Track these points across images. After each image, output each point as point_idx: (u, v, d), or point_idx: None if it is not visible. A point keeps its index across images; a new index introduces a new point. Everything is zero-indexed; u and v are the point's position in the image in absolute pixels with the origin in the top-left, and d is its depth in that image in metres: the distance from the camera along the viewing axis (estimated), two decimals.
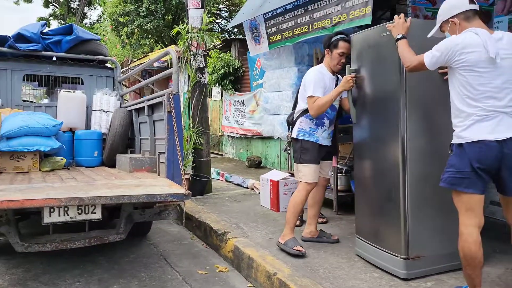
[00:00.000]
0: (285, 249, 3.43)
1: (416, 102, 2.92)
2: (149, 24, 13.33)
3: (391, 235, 3.05)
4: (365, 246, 3.31)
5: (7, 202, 2.53)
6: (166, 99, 3.58)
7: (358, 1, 3.97)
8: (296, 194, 3.59)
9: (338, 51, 3.49)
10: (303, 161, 3.55)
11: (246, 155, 9.20)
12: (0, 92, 5.01)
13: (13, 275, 3.42)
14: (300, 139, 3.57)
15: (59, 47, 5.28)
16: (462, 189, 2.44)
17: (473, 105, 2.39)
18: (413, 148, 2.90)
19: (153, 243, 4.37)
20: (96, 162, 4.95)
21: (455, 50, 2.40)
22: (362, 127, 3.37)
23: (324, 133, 3.59)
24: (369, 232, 3.30)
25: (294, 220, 3.55)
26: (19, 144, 4.14)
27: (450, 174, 2.48)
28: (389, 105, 3.02)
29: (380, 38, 3.05)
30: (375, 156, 3.23)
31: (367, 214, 3.34)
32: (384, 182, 3.10)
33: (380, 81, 3.14)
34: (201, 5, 5.78)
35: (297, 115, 3.65)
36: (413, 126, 2.91)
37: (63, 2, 29.80)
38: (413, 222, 2.91)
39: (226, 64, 9.31)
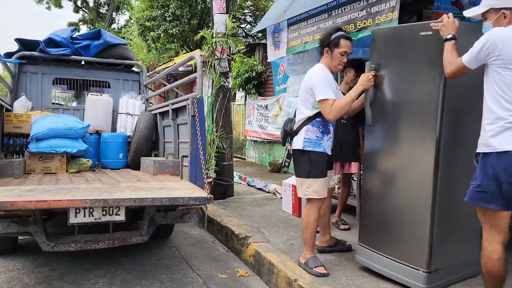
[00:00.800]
0: (305, 269, 3.19)
1: (451, 108, 2.72)
2: (175, 28, 13.53)
3: (412, 247, 2.88)
4: (371, 255, 3.17)
5: (35, 202, 2.59)
6: (190, 103, 3.62)
7: (384, 6, 3.91)
8: (307, 212, 3.25)
9: (340, 50, 3.14)
10: (312, 175, 3.17)
11: (268, 159, 9.19)
12: (31, 95, 5.17)
13: (39, 274, 3.51)
14: (307, 150, 3.17)
15: (88, 51, 5.41)
16: (483, 204, 2.30)
17: (507, 108, 2.19)
18: (445, 156, 2.74)
19: (175, 245, 4.41)
20: (121, 164, 5.03)
21: (498, 42, 2.18)
22: (379, 130, 3.13)
23: (328, 142, 3.25)
24: (379, 241, 3.13)
25: (312, 239, 3.26)
26: (47, 145, 4.25)
27: (473, 187, 2.35)
28: (422, 110, 2.80)
29: (417, 37, 2.81)
30: (396, 162, 3.02)
31: (379, 223, 3.14)
32: (408, 192, 2.92)
33: (410, 83, 2.89)
34: (226, 10, 5.83)
35: (300, 123, 3.22)
36: (447, 134, 2.73)
37: (92, 8, 30.61)
38: (438, 235, 2.77)
39: (250, 68, 9.34)
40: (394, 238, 3.02)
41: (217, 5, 5.79)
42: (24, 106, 4.86)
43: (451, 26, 2.51)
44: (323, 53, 3.24)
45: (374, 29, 3.21)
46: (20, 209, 2.66)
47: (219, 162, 5.94)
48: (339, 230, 4.30)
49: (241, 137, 10.86)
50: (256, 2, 15.61)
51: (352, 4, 4.28)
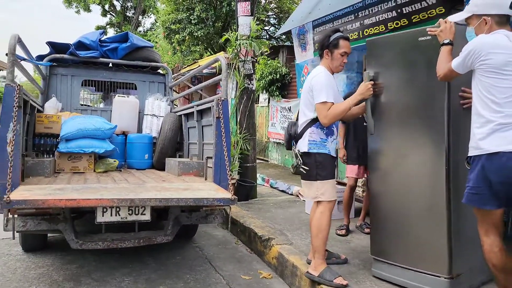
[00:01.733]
0: (323, 283, 3.00)
1: (458, 111, 2.73)
2: (199, 31, 13.68)
3: (430, 254, 2.81)
4: (387, 266, 3.08)
5: (65, 200, 2.66)
6: (214, 105, 3.65)
7: (421, 5, 3.85)
8: (318, 216, 3.11)
9: (340, 51, 3.13)
10: (320, 177, 3.10)
11: (291, 162, 9.17)
12: (61, 97, 5.31)
13: (67, 270, 3.60)
14: (313, 153, 3.12)
15: (115, 54, 5.52)
16: (478, 205, 2.36)
17: (496, 110, 2.24)
18: (455, 160, 2.72)
19: (198, 246, 4.45)
20: (146, 165, 5.11)
21: (482, 49, 2.26)
22: (386, 138, 3.09)
23: (333, 144, 3.20)
24: (395, 252, 3.04)
25: (324, 245, 3.12)
26: (76, 145, 4.35)
27: (468, 189, 2.39)
28: (428, 115, 2.80)
29: (416, 43, 2.82)
30: (406, 169, 2.96)
31: (392, 233, 3.06)
32: (421, 199, 2.87)
33: (414, 89, 2.89)
34: (250, 13, 5.86)
35: (304, 126, 3.18)
36: (453, 137, 2.72)
37: (119, 11, 31.25)
38: (456, 238, 2.73)
39: (274, 70, 9.35)
40: (410, 246, 2.94)
41: (242, 8, 5.83)
42: (54, 108, 5.00)
43: (449, 31, 2.55)
44: (322, 55, 3.23)
45: (368, 39, 3.21)
46: (50, 207, 2.74)
47: (243, 164, 5.96)
48: (364, 234, 4.26)
49: (264, 139, 10.87)
50: (280, 4, 15.62)
51: (379, 5, 4.24)
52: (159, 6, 22.27)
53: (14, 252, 4.00)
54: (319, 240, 3.09)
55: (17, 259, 3.82)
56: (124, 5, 31.32)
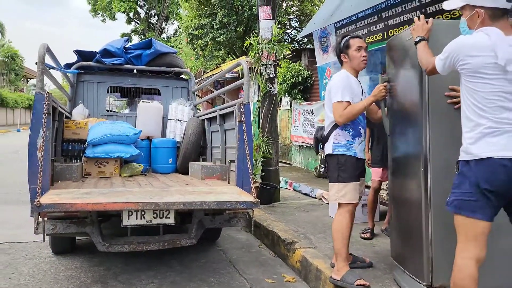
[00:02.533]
0: (345, 286, 2.98)
1: (441, 113, 2.63)
2: (222, 36, 13.80)
3: (415, 258, 2.77)
4: (396, 268, 3.07)
5: (92, 204, 2.73)
6: (237, 109, 3.67)
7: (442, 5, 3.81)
8: (338, 218, 3.15)
9: (353, 48, 3.18)
10: (341, 179, 3.13)
11: (314, 165, 9.12)
12: (87, 103, 5.46)
13: (95, 273, 3.68)
14: (336, 154, 3.16)
15: (140, 60, 5.64)
16: (467, 214, 2.13)
17: (482, 115, 2.10)
18: (437, 165, 2.62)
19: (222, 249, 4.47)
20: (170, 169, 5.18)
21: (460, 52, 2.14)
22: (393, 140, 3.12)
23: (360, 146, 3.21)
24: (399, 253, 3.05)
25: (345, 248, 3.10)
26: (102, 150, 4.46)
27: (456, 195, 2.18)
28: (412, 117, 2.79)
29: (405, 43, 2.84)
30: (402, 171, 2.99)
31: (397, 234, 3.08)
32: (409, 201, 2.86)
33: (405, 90, 2.92)
34: (272, 16, 5.88)
35: (329, 128, 3.23)
36: (437, 141, 2.63)
37: (144, 19, 31.86)
38: (437, 247, 2.63)
39: (296, 73, 9.34)
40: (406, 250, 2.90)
41: (263, 12, 5.86)
42: (81, 114, 5.14)
43: (421, 28, 2.56)
44: (341, 63, 3.32)
45: (389, 40, 3.23)
46: (78, 210, 2.81)
47: (265, 167, 5.97)
48: (389, 237, 4.19)
49: (286, 142, 10.85)
50: (302, 7, 15.61)
51: (403, 5, 4.19)
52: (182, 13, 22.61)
53: (44, 254, 4.11)
54: (340, 243, 3.10)
55: (47, 261, 3.93)
56: (148, 12, 31.95)
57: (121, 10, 29.42)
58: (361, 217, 4.64)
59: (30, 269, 3.74)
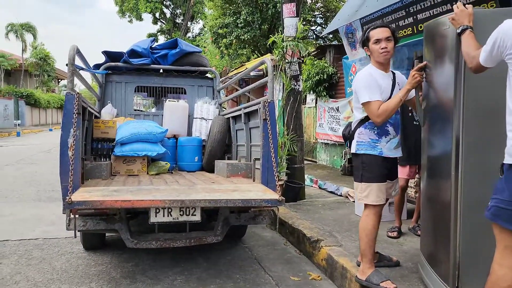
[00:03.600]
0: (370, 286, 2.95)
1: (476, 109, 2.45)
2: (246, 34, 13.84)
3: (442, 260, 2.67)
4: (424, 267, 2.99)
5: (121, 201, 2.80)
6: (261, 107, 3.68)
7: None
8: (364, 219, 3.08)
9: (372, 41, 3.04)
10: (365, 179, 3.05)
11: (340, 162, 9.04)
12: (115, 103, 5.58)
13: (124, 268, 3.78)
14: (360, 153, 3.09)
15: (166, 60, 5.72)
16: (502, 223, 1.91)
17: None
18: (470, 167, 2.47)
19: (247, 246, 4.50)
20: (196, 167, 5.24)
21: (508, 37, 1.87)
22: (427, 136, 2.97)
23: (389, 144, 3.06)
24: (426, 250, 2.97)
25: (371, 249, 3.05)
26: (130, 149, 4.55)
27: (495, 202, 1.94)
28: (445, 114, 2.61)
29: (442, 32, 2.62)
30: (434, 169, 2.86)
31: (426, 232, 2.99)
32: (439, 201, 2.74)
33: (439, 83, 2.73)
34: (296, 13, 5.85)
35: (354, 126, 3.18)
36: (471, 142, 2.46)
37: (169, 19, 32.27)
38: (465, 251, 2.52)
39: (321, 71, 9.27)
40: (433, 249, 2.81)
41: (287, 9, 5.84)
42: (110, 113, 5.26)
43: (462, 16, 2.25)
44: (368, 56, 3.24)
45: (425, 23, 3.02)
46: (107, 207, 2.89)
47: (290, 165, 5.96)
48: (417, 236, 4.12)
49: (312, 140, 10.79)
50: (326, 3, 15.47)
51: None
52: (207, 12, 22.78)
53: (75, 250, 4.25)
54: (365, 243, 3.04)
55: (78, 257, 4.05)
56: (174, 12, 32.34)
57: (148, 11, 29.89)
58: (388, 215, 4.57)
59: (63, 264, 3.87)
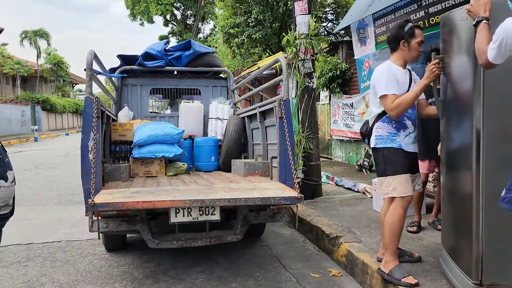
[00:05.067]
0: (392, 281, 2.93)
1: (496, 100, 2.41)
2: (257, 33, 13.85)
3: (465, 254, 2.66)
4: (446, 261, 2.98)
5: (142, 202, 2.84)
6: (277, 106, 3.70)
7: None
8: (390, 212, 3.05)
9: (417, 40, 3.03)
10: (390, 173, 3.03)
11: (356, 158, 9.00)
12: (131, 105, 5.65)
13: (146, 268, 3.83)
14: (380, 147, 3.09)
15: (179, 62, 5.77)
16: None
17: None
18: (491, 159, 2.44)
19: (266, 244, 4.52)
20: (213, 167, 5.28)
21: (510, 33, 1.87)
22: (446, 129, 2.95)
23: (407, 138, 3.07)
24: (448, 244, 2.95)
25: (395, 243, 3.04)
26: (148, 151, 4.60)
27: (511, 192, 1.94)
28: (464, 106, 2.60)
29: (460, 24, 2.59)
30: (454, 163, 2.86)
31: (448, 226, 2.98)
32: (460, 194, 2.73)
33: (458, 76, 2.72)
34: (308, 11, 5.85)
35: (372, 122, 3.20)
36: (492, 134, 2.43)
37: (180, 20, 32.44)
38: (488, 245, 2.50)
39: (334, 67, 9.22)
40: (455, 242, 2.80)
41: (299, 7, 5.84)
42: (126, 116, 5.33)
43: (478, 6, 2.19)
44: (395, 48, 3.12)
45: (442, 15, 2.97)
46: (129, 208, 2.94)
47: (306, 162, 5.96)
48: (437, 230, 4.09)
49: (326, 137, 10.76)
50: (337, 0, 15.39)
51: None
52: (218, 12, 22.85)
53: (98, 251, 4.32)
54: (390, 237, 3.03)
55: (101, 258, 4.12)
56: (184, 14, 32.51)
57: (158, 13, 30.15)
58: (408, 210, 4.54)
59: (86, 265, 3.94)
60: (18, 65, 35.13)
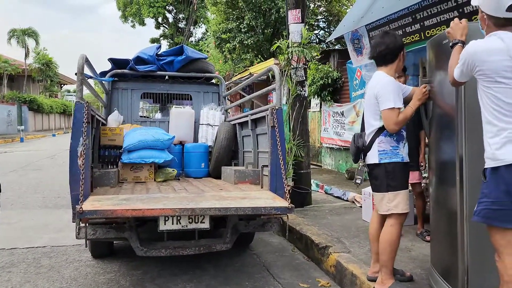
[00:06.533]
0: None
1: (479, 119, 2.44)
2: (249, 39, 13.88)
3: (451, 269, 2.69)
4: (433, 276, 3.00)
5: (131, 210, 2.81)
6: (269, 115, 3.69)
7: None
8: (388, 230, 2.97)
9: (404, 50, 3.11)
10: (392, 188, 2.95)
11: (345, 167, 9.04)
12: (122, 110, 5.60)
13: (133, 276, 3.78)
14: (383, 163, 2.98)
15: (171, 67, 5.73)
16: (500, 224, 2.03)
17: (506, 120, 2.03)
18: (474, 173, 2.47)
19: (255, 253, 4.50)
20: (203, 173, 5.24)
21: (475, 58, 2.08)
22: (433, 145, 3.06)
23: (405, 149, 3.04)
24: (437, 261, 2.98)
25: (393, 260, 2.98)
26: (137, 156, 4.56)
27: (485, 205, 2.07)
28: (448, 122, 2.71)
29: (440, 46, 2.76)
30: (441, 177, 2.92)
31: (436, 241, 3.02)
32: (446, 208, 2.79)
33: (441, 94, 2.83)
34: (301, 19, 5.87)
35: (371, 136, 3.04)
36: (475, 149, 2.47)
37: (172, 23, 32.35)
38: (474, 259, 2.53)
39: (325, 75, 9.28)
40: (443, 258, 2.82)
41: (293, 15, 5.86)
42: (116, 120, 5.28)
43: (457, 30, 2.41)
44: (392, 60, 3.03)
45: (429, 40, 3.10)
46: (118, 216, 2.89)
47: (297, 170, 5.96)
48: (425, 242, 4.11)
49: (316, 144, 10.79)
50: (329, 7, 15.50)
51: (438, 5, 4.10)
52: (210, 16, 22.86)
53: (84, 258, 4.25)
54: (388, 255, 2.95)
55: (87, 265, 4.06)
56: (176, 17, 32.43)
57: (150, 16, 30.02)
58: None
59: (72, 272, 3.87)
60: (6, 64, 34.66)
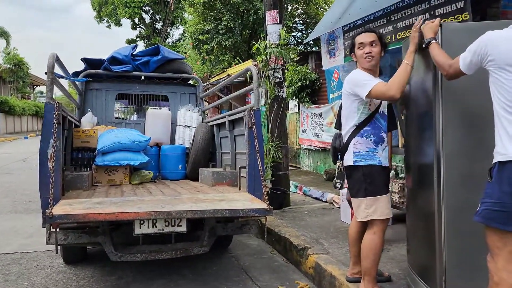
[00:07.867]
0: None
1: (455, 117, 2.49)
2: (227, 40, 13.81)
3: (429, 270, 2.69)
4: (411, 276, 3.01)
5: (104, 214, 2.72)
6: (247, 115, 3.65)
7: (450, 8, 3.75)
8: (371, 237, 2.83)
9: (356, 46, 2.88)
10: (370, 193, 2.81)
11: (324, 168, 9.07)
12: (96, 111, 5.45)
13: (107, 282, 3.66)
14: (359, 165, 2.83)
15: (147, 67, 5.63)
16: (499, 226, 1.94)
17: None
18: (451, 174, 2.49)
19: (233, 255, 4.44)
20: (180, 175, 5.16)
21: (488, 44, 2.03)
22: (409, 146, 3.05)
23: (384, 152, 2.88)
24: (414, 262, 2.99)
25: (375, 268, 2.86)
26: (112, 158, 4.44)
27: (486, 205, 1.99)
28: (425, 123, 2.69)
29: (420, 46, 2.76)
30: (417, 178, 2.91)
31: (412, 242, 3.04)
32: (423, 209, 2.79)
33: (418, 94, 2.84)
34: (279, 20, 5.85)
35: (347, 136, 2.90)
36: (452, 149, 2.49)
37: (149, 24, 31.99)
38: (451, 259, 2.50)
39: (303, 77, 9.30)
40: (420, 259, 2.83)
41: (270, 16, 5.83)
42: (90, 122, 5.14)
43: (428, 30, 2.50)
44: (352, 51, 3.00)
45: (404, 41, 3.14)
46: (90, 221, 2.79)
47: (275, 172, 5.92)
48: (402, 242, 4.13)
49: (295, 146, 10.81)
50: (307, 9, 15.58)
51: (412, 7, 4.15)
52: (187, 17, 22.69)
53: (55, 264, 4.10)
54: (371, 262, 2.83)
55: (59, 271, 3.91)
56: (153, 18, 32.09)
57: (126, 16, 29.60)
58: None
59: (42, 279, 3.72)
60: None
